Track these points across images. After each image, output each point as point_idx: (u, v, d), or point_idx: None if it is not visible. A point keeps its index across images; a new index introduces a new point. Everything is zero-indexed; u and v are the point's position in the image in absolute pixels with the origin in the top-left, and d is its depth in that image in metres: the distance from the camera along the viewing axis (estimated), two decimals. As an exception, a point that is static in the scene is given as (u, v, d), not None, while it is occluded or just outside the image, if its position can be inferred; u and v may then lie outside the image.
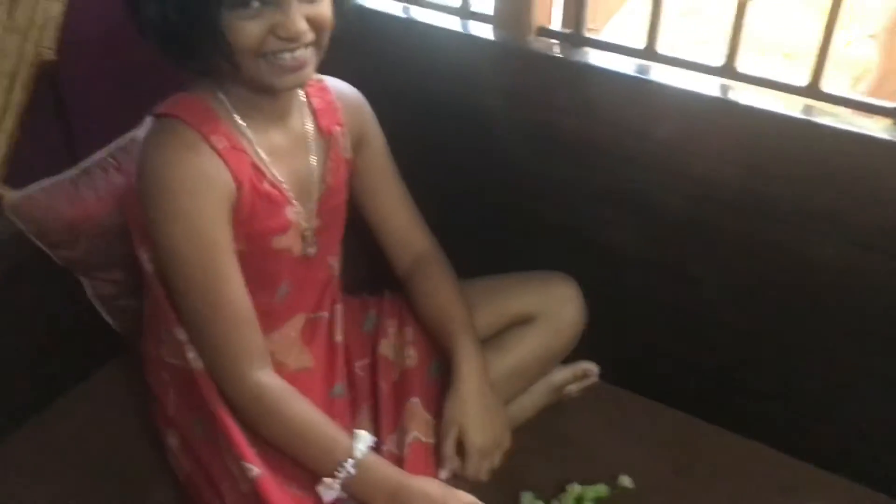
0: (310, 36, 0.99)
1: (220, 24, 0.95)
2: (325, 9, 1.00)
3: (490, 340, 1.27)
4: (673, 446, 1.31)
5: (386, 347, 1.27)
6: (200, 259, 1.03)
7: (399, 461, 1.13)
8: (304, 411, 1.07)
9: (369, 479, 1.05)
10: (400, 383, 1.22)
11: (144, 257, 1.12)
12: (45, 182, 1.23)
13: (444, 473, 1.11)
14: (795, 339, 1.28)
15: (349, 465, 1.04)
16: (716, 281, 1.31)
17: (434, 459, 1.14)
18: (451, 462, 1.11)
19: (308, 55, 1.01)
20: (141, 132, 1.08)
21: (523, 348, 1.26)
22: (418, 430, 1.16)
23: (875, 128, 1.10)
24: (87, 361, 1.41)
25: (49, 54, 1.59)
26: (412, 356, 1.24)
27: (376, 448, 1.11)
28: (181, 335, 1.10)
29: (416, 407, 1.18)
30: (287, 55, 0.99)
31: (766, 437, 1.32)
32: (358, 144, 1.22)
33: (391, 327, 1.29)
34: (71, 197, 1.23)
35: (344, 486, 1.05)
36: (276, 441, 1.08)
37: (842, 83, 2.70)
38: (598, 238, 1.38)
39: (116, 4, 1.07)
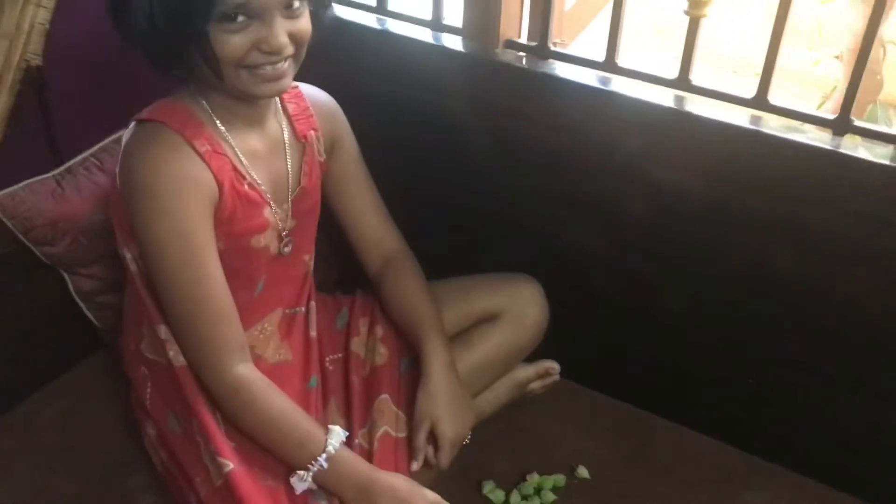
0: (290, 49, 1.05)
1: (208, 36, 1.00)
2: (305, 24, 1.06)
3: (456, 337, 1.33)
4: (628, 439, 1.37)
5: (357, 345, 1.32)
6: (184, 256, 1.07)
7: (369, 455, 1.18)
8: (280, 405, 1.12)
9: (341, 473, 1.10)
10: (370, 380, 1.28)
11: (128, 256, 1.16)
12: (30, 181, 1.28)
13: (415, 465, 1.16)
14: (748, 338, 1.34)
15: (322, 458, 1.09)
16: (674, 282, 1.37)
17: (403, 452, 1.20)
18: (423, 453, 1.17)
19: (287, 67, 1.06)
20: (125, 136, 1.12)
21: (488, 345, 1.32)
22: (388, 424, 1.21)
23: (819, 138, 1.17)
24: (69, 354, 1.45)
25: (35, 60, 1.65)
26: (382, 353, 1.30)
27: (347, 442, 1.15)
28: (163, 333, 1.14)
29: (386, 403, 1.24)
30: (268, 67, 1.04)
31: (716, 432, 1.38)
32: (331, 148, 1.27)
33: (363, 325, 1.34)
34: (55, 195, 1.28)
35: (315, 479, 1.10)
36: (252, 433, 1.13)
37: (811, 101, 2.80)
38: (563, 241, 1.44)
39: (101, 13, 1.12)
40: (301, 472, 1.10)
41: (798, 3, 1.17)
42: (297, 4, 1.03)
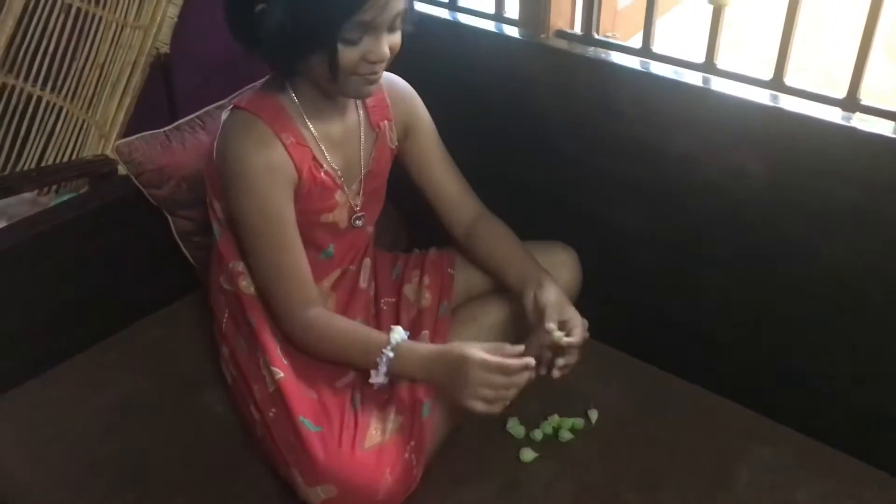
0: (388, 58, 1.23)
1: (336, 50, 1.16)
2: (399, 38, 1.24)
3: (494, 293, 1.48)
4: (648, 395, 1.46)
5: (408, 290, 1.50)
6: (268, 230, 1.27)
7: (410, 384, 1.32)
8: (342, 328, 1.32)
9: (407, 358, 1.25)
10: (416, 319, 1.45)
11: (216, 206, 1.36)
12: (144, 133, 1.53)
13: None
14: (769, 308, 1.43)
15: (387, 350, 1.25)
16: (705, 255, 1.48)
17: None
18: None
19: (382, 71, 1.25)
20: (224, 115, 1.31)
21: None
22: None
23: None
24: (171, 290, 1.69)
25: (164, 48, 1.94)
26: (427, 298, 1.47)
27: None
28: (240, 267, 1.35)
29: (425, 339, 1.41)
30: (372, 75, 1.23)
31: (735, 394, 1.45)
32: (406, 130, 1.44)
33: (414, 276, 1.52)
34: (163, 146, 1.52)
35: (389, 371, 1.26)
36: (326, 356, 1.32)
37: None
38: (603, 214, 1.57)
39: (220, 10, 1.30)
40: (373, 371, 1.26)
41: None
42: (398, 23, 1.22)
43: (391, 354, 1.25)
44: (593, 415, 1.41)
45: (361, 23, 1.15)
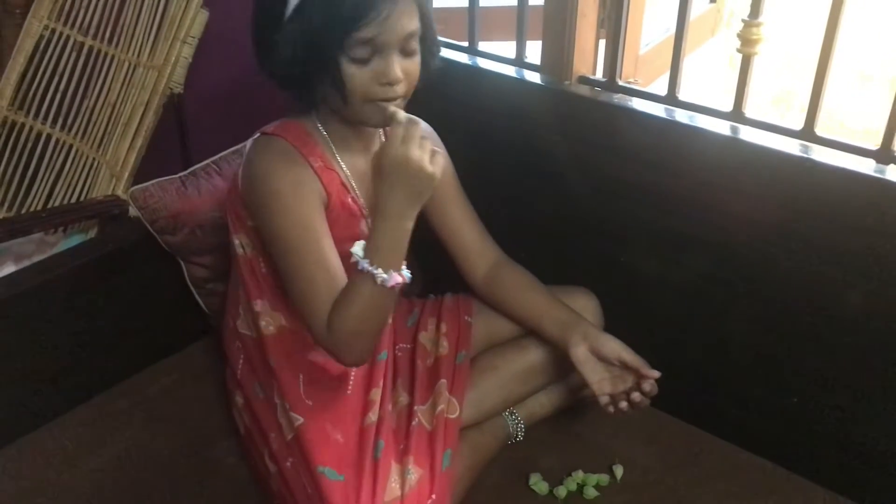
0: (402, 89, 1.20)
1: (339, 66, 1.16)
2: (416, 65, 1.22)
3: (512, 340, 1.45)
4: (675, 450, 1.42)
5: (424, 338, 1.47)
6: (303, 243, 1.21)
7: (430, 434, 1.31)
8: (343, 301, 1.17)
9: (378, 248, 1.14)
10: (433, 367, 1.42)
11: (237, 242, 1.33)
12: (160, 179, 1.50)
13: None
14: (801, 360, 1.39)
15: (361, 261, 1.12)
16: (731, 305, 1.44)
17: (453, 430, 1.32)
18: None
19: (399, 104, 1.22)
20: (247, 145, 1.29)
21: (543, 349, 1.42)
22: (443, 404, 1.34)
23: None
24: (184, 336, 1.66)
25: (178, 88, 1.91)
26: (444, 346, 1.44)
27: (408, 414, 1.33)
28: (258, 306, 1.32)
29: (443, 388, 1.37)
30: (390, 101, 1.19)
31: (767, 451, 1.42)
32: None
33: (431, 323, 1.49)
34: (179, 192, 1.49)
35: (380, 265, 1.12)
36: (361, 337, 1.18)
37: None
38: (628, 262, 1.54)
39: (236, 51, 1.29)
40: (379, 275, 1.12)
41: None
42: (413, 46, 1.20)
43: (363, 257, 1.13)
44: (618, 471, 1.37)
45: (366, 40, 1.14)
